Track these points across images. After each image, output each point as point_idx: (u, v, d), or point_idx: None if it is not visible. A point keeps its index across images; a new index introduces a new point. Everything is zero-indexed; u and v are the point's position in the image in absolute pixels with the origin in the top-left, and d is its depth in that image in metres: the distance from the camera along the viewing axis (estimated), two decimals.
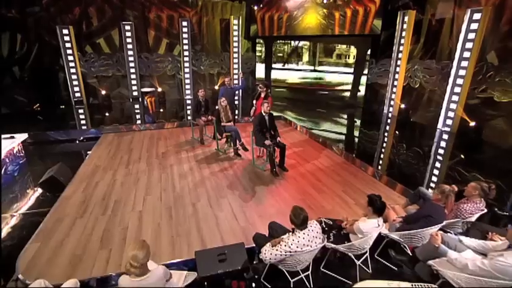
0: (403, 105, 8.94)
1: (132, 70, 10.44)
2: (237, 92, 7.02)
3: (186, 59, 11.08)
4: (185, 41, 10.88)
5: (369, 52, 10.13)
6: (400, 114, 9.19)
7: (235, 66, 11.78)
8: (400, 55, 9.01)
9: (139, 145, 6.56)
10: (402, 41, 8.86)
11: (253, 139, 5.45)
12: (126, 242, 3.38)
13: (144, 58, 10.72)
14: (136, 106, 9.93)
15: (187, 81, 11.34)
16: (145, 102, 10.56)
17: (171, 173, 5.18)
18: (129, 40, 10.08)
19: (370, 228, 2.82)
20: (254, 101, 5.81)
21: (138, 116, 8.66)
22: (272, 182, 4.93)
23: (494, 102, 6.70)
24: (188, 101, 10.93)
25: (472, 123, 6.94)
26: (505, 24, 6.66)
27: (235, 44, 11.56)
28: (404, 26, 8.72)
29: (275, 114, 5.65)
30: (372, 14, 9.15)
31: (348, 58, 10.91)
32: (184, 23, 10.65)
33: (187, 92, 11.44)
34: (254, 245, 3.07)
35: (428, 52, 8.50)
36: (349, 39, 10.42)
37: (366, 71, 10.37)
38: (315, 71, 11.26)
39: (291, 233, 2.66)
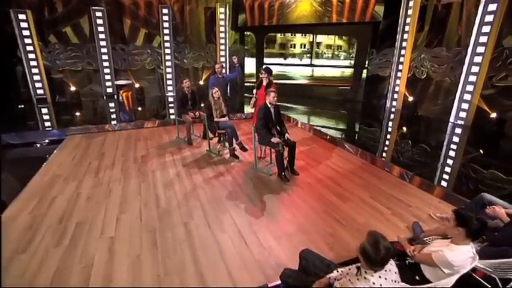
0: (410, 98, 8.22)
1: (106, 64, 9.17)
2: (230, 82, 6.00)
3: (168, 51, 9.94)
4: (166, 31, 9.74)
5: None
6: (404, 107, 8.48)
7: (223, 59, 10.76)
8: (404, 44, 8.31)
9: (113, 148, 5.41)
10: (407, 28, 8.16)
11: (254, 136, 4.46)
12: None
13: (119, 50, 9.47)
14: (112, 105, 8.67)
15: (169, 76, 10.19)
16: (120, 98, 9.32)
17: (153, 182, 4.10)
18: (101, 29, 8.82)
19: (463, 259, 1.90)
20: (255, 91, 4.83)
21: (113, 116, 7.43)
22: (282, 189, 3.96)
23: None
24: (171, 98, 9.78)
25: (493, 115, 6.27)
26: None
27: (222, 35, 10.55)
28: (409, 11, 8.01)
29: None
30: None
31: (352, 49, 10.09)
32: (165, 11, 9.52)
33: (169, 88, 10.29)
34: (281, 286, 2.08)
35: (433, 41, 7.83)
36: (347, 29, 9.64)
37: (366, 63, 9.63)
38: (312, 65, 10.42)
39: (357, 274, 1.68)
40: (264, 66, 4.84)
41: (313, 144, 5.75)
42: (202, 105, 5.98)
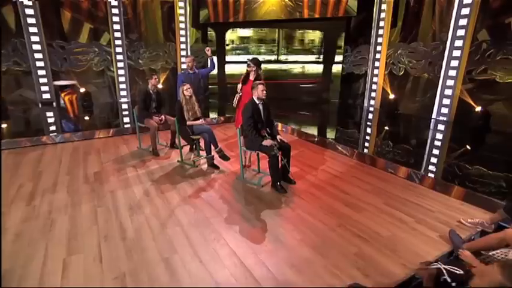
0: (389, 96, 8.24)
1: (40, 63, 7.93)
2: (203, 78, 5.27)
3: (119, 50, 8.98)
4: (116, 27, 8.80)
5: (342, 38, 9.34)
6: (383, 106, 8.50)
7: (184, 60, 10.04)
8: (379, 39, 8.37)
9: (55, 165, 4.42)
10: (381, 23, 8.23)
11: (240, 140, 3.87)
12: None
13: (57, 48, 8.29)
14: (49, 114, 7.46)
15: (122, 78, 9.20)
16: (62, 102, 8.12)
17: (114, 205, 3.29)
18: (31, 21, 7.61)
19: None
20: (239, 86, 4.24)
21: (52, 128, 6.29)
22: (281, 202, 3.41)
23: (495, 83, 6.25)
24: (125, 105, 8.79)
25: (478, 109, 6.40)
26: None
27: (182, 32, 9.87)
28: (383, 6, 8.10)
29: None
30: None
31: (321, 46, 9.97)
32: (114, 3, 8.60)
33: (123, 93, 9.28)
34: None
35: (407, 36, 7.98)
36: (318, 24, 9.52)
37: (339, 60, 9.57)
38: (278, 62, 10.10)
39: None
40: (252, 57, 4.30)
41: (300, 148, 5.31)
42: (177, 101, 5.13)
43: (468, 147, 5.43)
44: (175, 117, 4.38)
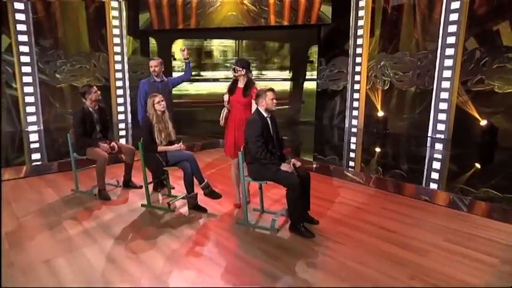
0: (377, 113, 8.42)
1: None
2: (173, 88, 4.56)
3: (26, 59, 7.90)
4: (21, 27, 7.79)
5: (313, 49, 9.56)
6: (368, 125, 8.70)
7: (119, 75, 9.29)
8: (358, 50, 8.72)
9: None
10: (360, 31, 8.62)
11: (242, 169, 3.33)
12: None
13: None
14: None
15: (30, 99, 8.03)
16: None
17: (57, 285, 2.44)
18: None
19: None
20: (226, 97, 3.74)
21: None
22: (313, 249, 2.95)
23: (493, 94, 6.77)
24: (33, 135, 7.60)
25: (483, 122, 6.78)
26: (480, 5, 7.02)
27: (117, 40, 9.18)
28: (360, 13, 8.53)
29: None
30: None
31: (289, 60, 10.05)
32: None
33: (31, 118, 8.06)
34: None
35: (387, 46, 8.46)
36: (287, 33, 9.63)
37: (312, 75, 9.73)
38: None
39: None
40: (239, 58, 3.90)
41: None
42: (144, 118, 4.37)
43: (484, 166, 5.62)
44: (131, 144, 3.69)
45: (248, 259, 2.78)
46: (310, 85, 9.77)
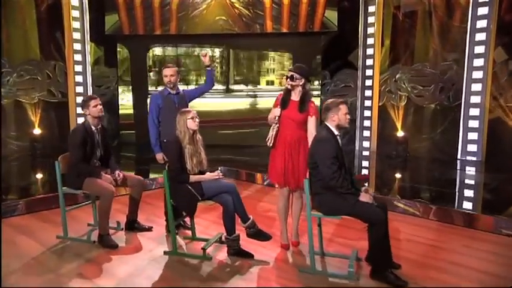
0: (398, 133, 8.43)
1: None
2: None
3: None
4: None
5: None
6: (383, 147, 8.75)
7: (80, 89, 8.77)
8: (369, 61, 8.88)
9: None
10: (370, 40, 8.81)
11: (309, 202, 3.08)
12: None
13: None
14: None
15: None
16: None
17: None
18: None
19: None
20: (277, 111, 3.50)
21: None
22: None
23: None
24: None
25: None
26: (507, 12, 7.44)
27: (78, 47, 8.73)
28: (371, 19, 8.75)
29: None
30: (322, 1, 8.79)
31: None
32: None
33: None
34: None
35: (400, 57, 8.70)
36: (286, 41, 9.62)
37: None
38: (228, 92, 9.65)
39: None
40: (296, 65, 3.73)
41: None
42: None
43: None
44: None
45: None
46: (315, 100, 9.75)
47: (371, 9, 8.77)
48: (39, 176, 6.78)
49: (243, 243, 3.43)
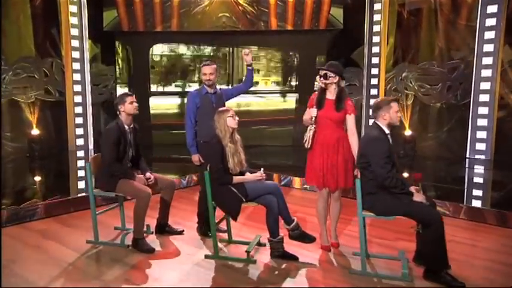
0: (406, 132, 8.51)
1: None
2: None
3: None
4: None
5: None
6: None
7: (78, 88, 8.59)
8: (374, 60, 8.94)
9: None
10: (375, 38, 8.87)
11: (360, 201, 3.07)
12: None
13: None
14: None
15: None
16: None
17: None
18: None
19: None
20: (313, 111, 3.47)
21: None
22: None
23: None
24: None
25: None
26: None
27: (76, 44, 8.54)
28: (376, 17, 8.81)
29: None
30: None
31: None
32: None
33: None
34: None
35: (405, 56, 8.80)
36: (291, 39, 9.60)
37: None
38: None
39: None
40: (329, 63, 3.69)
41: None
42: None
43: None
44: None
45: None
46: None
47: (377, 6, 8.81)
48: (40, 178, 6.61)
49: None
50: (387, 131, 3.13)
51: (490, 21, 7.53)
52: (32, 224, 4.19)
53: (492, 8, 7.49)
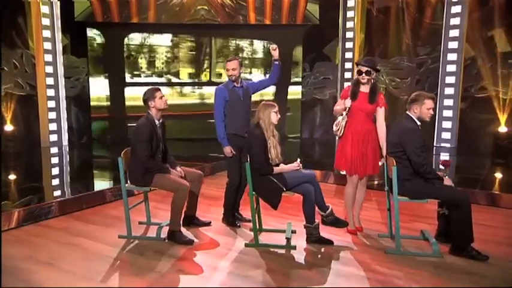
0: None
1: None
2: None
3: None
4: None
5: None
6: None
7: (50, 81, 8.19)
8: (348, 54, 9.34)
9: None
10: (349, 34, 9.26)
11: (395, 187, 3.32)
12: None
13: None
14: None
15: None
16: None
17: None
18: None
19: None
20: (348, 102, 3.68)
21: None
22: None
23: (496, 100, 7.99)
24: None
25: (503, 129, 7.77)
26: (473, 10, 8.30)
27: (47, 34, 8.14)
28: (350, 13, 9.19)
29: None
30: None
31: None
32: None
33: None
34: None
35: (374, 51, 9.31)
36: (269, 34, 9.71)
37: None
38: (211, 83, 9.57)
39: None
40: (367, 59, 3.91)
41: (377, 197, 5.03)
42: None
43: None
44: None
45: None
46: (294, 93, 10.03)
47: (350, 3, 9.19)
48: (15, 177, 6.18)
49: None
50: (418, 123, 3.41)
51: (454, 21, 8.16)
52: (50, 222, 4.04)
53: (456, 8, 8.12)
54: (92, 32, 9.14)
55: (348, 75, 9.37)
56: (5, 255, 3.18)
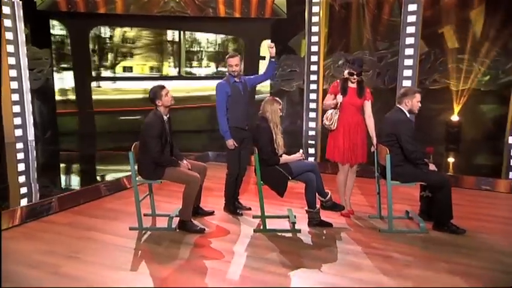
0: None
1: None
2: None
3: None
4: None
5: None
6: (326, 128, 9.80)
7: (14, 73, 7.91)
8: (314, 48, 9.73)
9: None
10: (314, 28, 9.65)
11: (389, 172, 3.72)
12: None
13: None
14: None
15: None
16: None
17: None
18: None
19: None
20: (339, 97, 4.02)
21: None
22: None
23: (448, 92, 8.77)
24: None
25: (454, 117, 8.57)
26: (427, 8, 9.00)
27: (8, 24, 7.85)
28: (315, 8, 9.56)
29: None
30: None
31: None
32: None
33: None
34: None
35: (336, 46, 9.81)
36: (238, 27, 9.85)
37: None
38: (180, 77, 9.61)
39: None
40: (355, 59, 4.29)
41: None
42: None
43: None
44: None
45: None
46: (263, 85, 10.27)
47: None
48: None
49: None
50: (408, 115, 3.82)
51: (411, 18, 8.76)
52: (52, 218, 4.06)
53: (412, 7, 8.72)
54: (55, 22, 8.81)
55: (314, 67, 9.78)
56: (21, 250, 3.25)
